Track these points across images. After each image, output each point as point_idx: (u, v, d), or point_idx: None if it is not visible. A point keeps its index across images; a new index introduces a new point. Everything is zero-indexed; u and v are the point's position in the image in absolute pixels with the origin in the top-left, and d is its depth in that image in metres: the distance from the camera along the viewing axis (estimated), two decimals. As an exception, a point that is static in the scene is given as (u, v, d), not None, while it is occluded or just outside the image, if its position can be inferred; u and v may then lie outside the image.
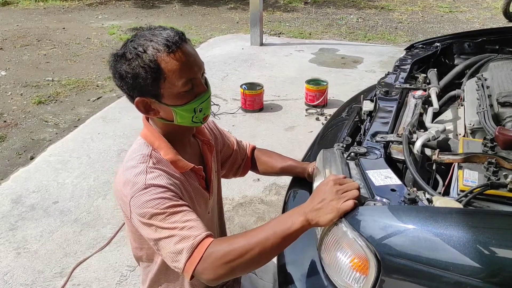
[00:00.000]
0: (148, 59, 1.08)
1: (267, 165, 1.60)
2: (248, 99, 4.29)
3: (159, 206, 1.07)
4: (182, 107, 1.14)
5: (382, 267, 1.01)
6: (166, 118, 1.19)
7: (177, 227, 1.06)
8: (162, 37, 1.10)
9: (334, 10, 8.96)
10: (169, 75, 1.10)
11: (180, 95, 1.13)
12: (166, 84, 1.11)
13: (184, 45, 1.12)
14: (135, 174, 1.13)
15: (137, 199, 1.09)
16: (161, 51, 1.08)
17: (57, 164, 3.47)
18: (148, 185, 1.10)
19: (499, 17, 7.93)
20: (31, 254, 2.54)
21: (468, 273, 0.94)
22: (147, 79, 1.10)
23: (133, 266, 2.40)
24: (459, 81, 2.30)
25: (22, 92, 4.99)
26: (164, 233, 1.07)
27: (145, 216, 1.08)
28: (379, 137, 1.51)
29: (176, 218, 1.07)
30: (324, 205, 1.05)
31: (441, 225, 1.00)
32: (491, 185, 1.09)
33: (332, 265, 1.14)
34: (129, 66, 1.10)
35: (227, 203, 2.93)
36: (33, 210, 2.92)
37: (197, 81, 1.15)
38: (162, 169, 1.16)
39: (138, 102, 1.15)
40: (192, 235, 1.05)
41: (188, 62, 1.11)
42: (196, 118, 1.18)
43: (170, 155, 1.20)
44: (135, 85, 1.12)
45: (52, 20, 8.25)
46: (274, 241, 1.02)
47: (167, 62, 1.09)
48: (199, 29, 7.68)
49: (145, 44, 1.10)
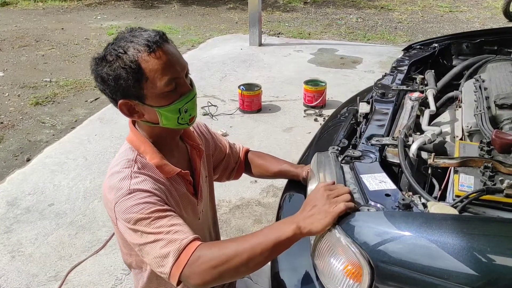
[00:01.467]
0: (129, 60, 1.07)
1: (261, 168, 1.58)
2: (246, 100, 4.27)
3: (143, 211, 1.05)
4: (166, 107, 1.12)
5: (375, 275, 0.99)
6: (152, 121, 1.17)
7: (162, 231, 1.04)
8: (143, 38, 1.09)
9: (333, 10, 8.93)
10: (150, 74, 1.08)
11: (163, 95, 1.11)
12: (148, 84, 1.09)
13: (165, 45, 1.11)
14: (120, 179, 1.11)
15: (122, 205, 1.07)
16: (141, 51, 1.07)
17: (54, 166, 3.44)
18: (133, 190, 1.08)
19: (500, 17, 7.91)
20: (26, 257, 2.51)
21: (464, 281, 0.92)
22: (129, 80, 1.08)
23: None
24: (457, 82, 2.28)
25: (20, 93, 4.97)
26: (149, 238, 1.05)
27: (130, 221, 1.06)
28: (375, 140, 1.49)
29: (161, 222, 1.05)
30: (316, 212, 1.04)
31: (436, 232, 0.98)
32: (487, 191, 1.07)
33: (325, 271, 1.12)
34: (110, 68, 1.08)
35: (224, 206, 2.91)
36: (28, 212, 2.89)
37: (180, 81, 1.13)
38: (147, 174, 1.14)
39: (122, 105, 1.13)
40: (178, 238, 1.03)
41: (170, 61, 1.10)
42: (182, 119, 1.16)
43: (156, 160, 1.18)
44: (117, 87, 1.10)
45: (51, 20, 8.23)
46: (264, 249, 1.00)
47: (148, 61, 1.07)
48: (198, 29, 7.66)
49: (126, 46, 1.08)
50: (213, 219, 1.51)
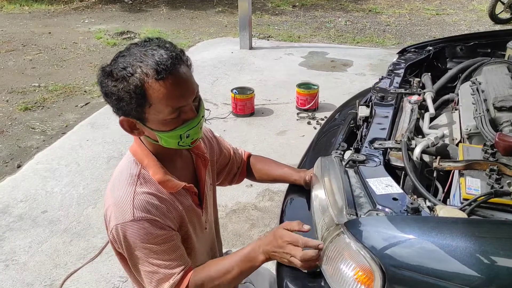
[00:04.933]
0: (134, 85, 1.01)
1: (263, 172, 1.58)
2: (239, 103, 4.26)
3: (145, 239, 1.10)
4: (167, 133, 1.09)
5: (387, 279, 0.99)
6: (152, 138, 1.15)
7: (160, 264, 1.12)
8: (153, 60, 1.01)
9: (322, 13, 8.97)
10: (155, 102, 1.03)
11: (165, 122, 1.07)
12: (151, 110, 1.05)
13: (177, 70, 1.03)
14: (124, 200, 1.11)
15: (125, 229, 1.10)
16: (149, 75, 1.00)
17: (45, 172, 3.39)
18: (137, 218, 1.09)
19: (485, 19, 8.02)
20: (20, 266, 2.47)
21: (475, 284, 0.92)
22: (132, 103, 1.03)
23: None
24: (452, 85, 2.30)
25: (8, 98, 4.89)
26: (146, 267, 1.13)
27: (130, 246, 1.11)
28: (377, 143, 1.49)
29: (159, 254, 1.12)
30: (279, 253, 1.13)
31: (447, 236, 0.99)
32: (495, 193, 1.08)
33: (335, 277, 1.11)
34: (115, 87, 1.03)
35: (220, 210, 2.89)
36: (21, 220, 2.84)
37: (185, 108, 1.07)
38: (150, 193, 1.13)
39: (123, 121, 1.10)
40: (175, 272, 1.13)
41: (178, 91, 1.04)
42: (183, 142, 1.12)
43: (159, 175, 1.16)
44: (119, 107, 1.07)
45: (38, 24, 8.12)
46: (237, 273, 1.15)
47: (154, 89, 1.01)
48: (188, 32, 7.62)
49: (134, 65, 1.01)
50: (215, 223, 1.50)
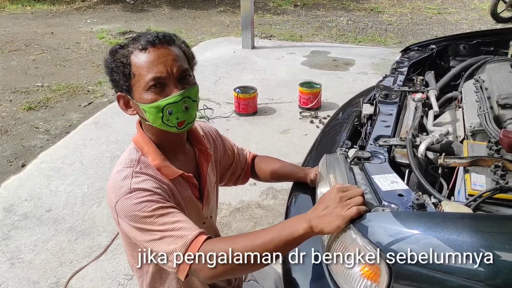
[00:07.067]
0: (122, 54, 1.13)
1: (268, 172, 1.57)
2: (242, 102, 4.27)
3: (146, 209, 1.07)
4: (147, 105, 1.13)
5: (393, 275, 1.00)
6: (143, 118, 1.18)
7: (167, 228, 1.06)
8: (146, 37, 1.13)
9: (323, 12, 8.98)
10: (137, 71, 1.12)
11: (146, 93, 1.12)
12: (135, 80, 1.13)
13: (163, 45, 1.13)
14: (122, 178, 1.12)
15: (123, 203, 1.08)
16: (136, 48, 1.12)
17: (49, 171, 3.41)
18: (133, 189, 1.09)
19: (487, 18, 8.02)
20: (26, 264, 2.48)
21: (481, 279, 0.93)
22: (119, 74, 1.13)
23: (130, 275, 2.36)
24: (455, 83, 2.31)
25: (12, 98, 4.91)
26: (154, 235, 1.06)
27: (133, 219, 1.07)
28: (382, 141, 1.50)
29: (165, 219, 1.07)
30: (328, 212, 1.04)
31: (453, 231, 0.99)
32: (500, 189, 1.09)
33: (341, 272, 1.13)
34: (109, 60, 1.15)
35: (224, 209, 2.91)
36: (26, 218, 2.86)
37: (165, 81, 1.12)
38: (149, 174, 1.15)
39: (119, 97, 1.19)
40: (184, 234, 1.05)
41: (158, 60, 1.11)
42: (168, 121, 1.14)
43: (157, 161, 1.18)
44: (112, 79, 1.16)
45: (40, 24, 8.14)
46: (276, 245, 1.01)
47: (137, 57, 1.12)
48: (190, 32, 7.64)
49: (128, 42, 1.15)
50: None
